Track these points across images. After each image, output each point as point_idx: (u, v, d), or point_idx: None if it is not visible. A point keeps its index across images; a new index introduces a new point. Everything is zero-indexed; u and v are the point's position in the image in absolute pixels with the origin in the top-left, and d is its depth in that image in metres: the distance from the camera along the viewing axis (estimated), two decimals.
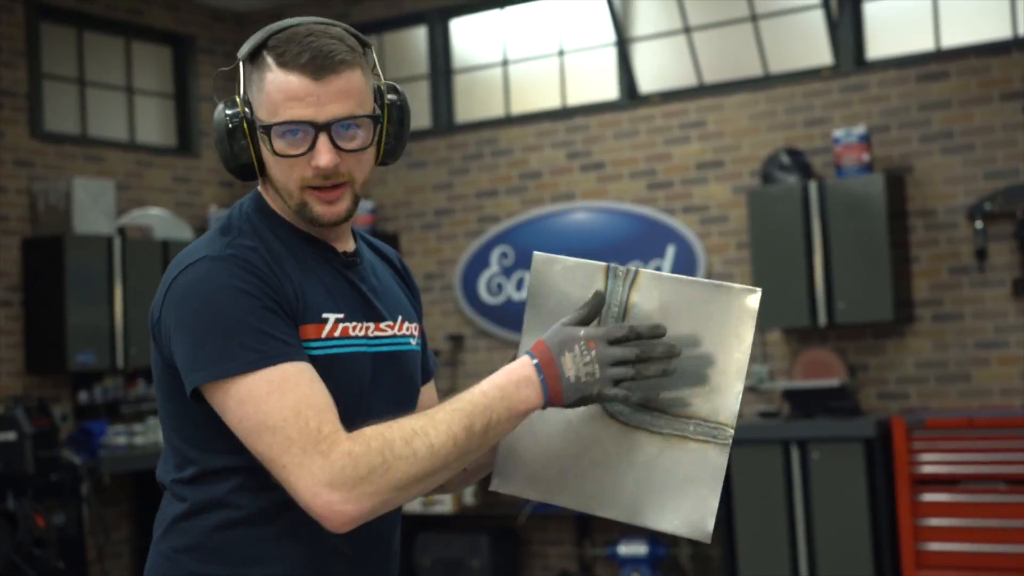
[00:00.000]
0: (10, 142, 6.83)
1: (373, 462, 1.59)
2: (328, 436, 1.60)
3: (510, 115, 7.52)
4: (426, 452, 1.61)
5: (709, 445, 1.68)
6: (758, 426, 6.07)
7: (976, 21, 6.33)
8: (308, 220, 1.78)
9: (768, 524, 5.94)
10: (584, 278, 1.71)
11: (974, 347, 6.18)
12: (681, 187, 6.95)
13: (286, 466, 1.61)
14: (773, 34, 6.76)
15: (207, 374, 1.65)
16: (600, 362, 1.64)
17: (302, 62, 1.69)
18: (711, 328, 1.69)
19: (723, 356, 1.69)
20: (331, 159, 1.72)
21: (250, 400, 1.63)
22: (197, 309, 1.67)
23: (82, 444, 6.51)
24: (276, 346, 1.65)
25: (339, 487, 1.58)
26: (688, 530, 1.69)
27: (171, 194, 7.63)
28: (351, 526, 1.61)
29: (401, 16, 7.81)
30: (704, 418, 1.68)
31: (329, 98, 1.71)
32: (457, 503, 6.97)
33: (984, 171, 6.17)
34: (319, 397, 1.64)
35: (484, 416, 1.64)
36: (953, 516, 5.61)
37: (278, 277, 1.72)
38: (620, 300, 1.70)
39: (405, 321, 1.90)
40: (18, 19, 6.93)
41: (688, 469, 1.69)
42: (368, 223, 7.57)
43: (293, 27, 1.74)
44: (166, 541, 1.79)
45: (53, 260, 6.64)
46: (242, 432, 1.65)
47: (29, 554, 5.42)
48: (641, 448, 1.70)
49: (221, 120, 1.77)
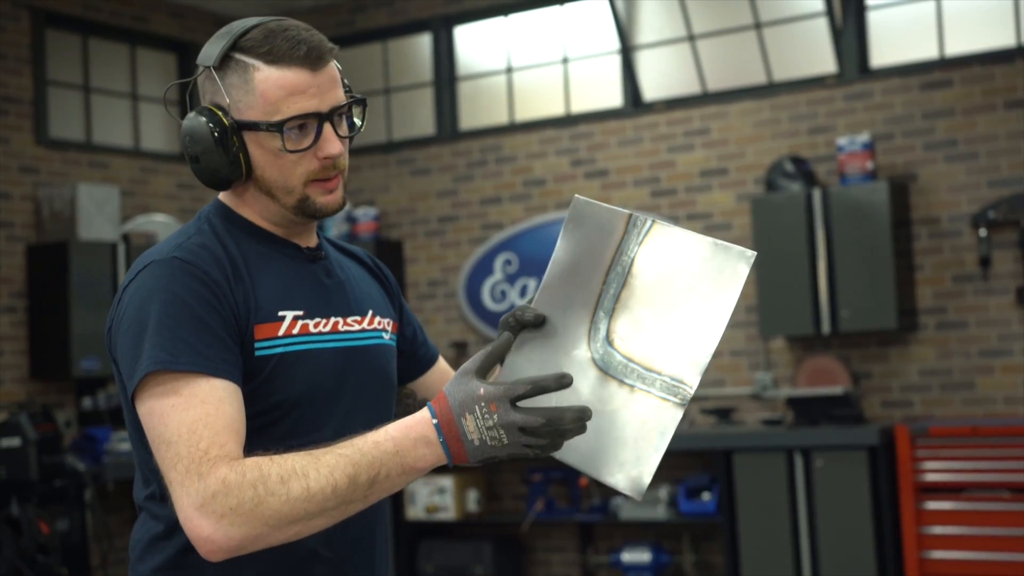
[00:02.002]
0: (15, 148, 6.84)
1: (244, 494, 1.52)
2: (212, 459, 1.55)
3: (514, 122, 7.53)
4: (300, 494, 1.52)
5: (667, 403, 1.67)
6: (762, 434, 6.07)
7: (980, 29, 6.33)
8: (308, 214, 1.77)
9: (772, 532, 5.93)
10: (610, 223, 1.73)
11: (978, 355, 6.18)
12: (685, 195, 6.96)
13: (171, 482, 1.57)
14: (777, 42, 6.77)
15: (134, 381, 1.63)
16: (504, 427, 1.51)
17: (299, 55, 1.69)
18: (703, 285, 1.70)
19: (706, 315, 1.69)
20: (339, 146, 1.73)
21: (157, 411, 1.61)
22: (135, 316, 1.66)
23: (86, 450, 6.52)
24: (190, 356, 1.61)
25: (208, 514, 1.53)
26: (627, 485, 1.66)
27: (175, 200, 7.64)
28: (221, 556, 1.55)
29: (406, 23, 7.82)
30: (672, 376, 1.68)
31: (327, 87, 1.72)
32: (461, 510, 6.97)
33: (988, 179, 6.17)
34: (220, 419, 1.59)
35: (372, 469, 1.54)
36: (957, 524, 5.60)
37: (228, 280, 1.69)
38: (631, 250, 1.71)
39: (376, 315, 1.88)
40: (23, 26, 6.95)
41: (643, 425, 1.67)
42: (372, 230, 7.57)
43: (259, 26, 1.73)
44: (144, 563, 1.76)
45: (58, 266, 6.65)
46: (149, 442, 1.63)
47: (33, 560, 5.42)
48: (611, 397, 1.69)
49: (202, 131, 1.72)
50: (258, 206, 1.79)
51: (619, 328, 1.72)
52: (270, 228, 1.80)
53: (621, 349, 1.71)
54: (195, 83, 1.80)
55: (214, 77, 1.73)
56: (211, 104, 1.75)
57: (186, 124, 1.75)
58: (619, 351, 1.71)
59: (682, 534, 6.64)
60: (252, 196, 1.78)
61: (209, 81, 1.75)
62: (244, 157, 1.73)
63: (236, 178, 1.75)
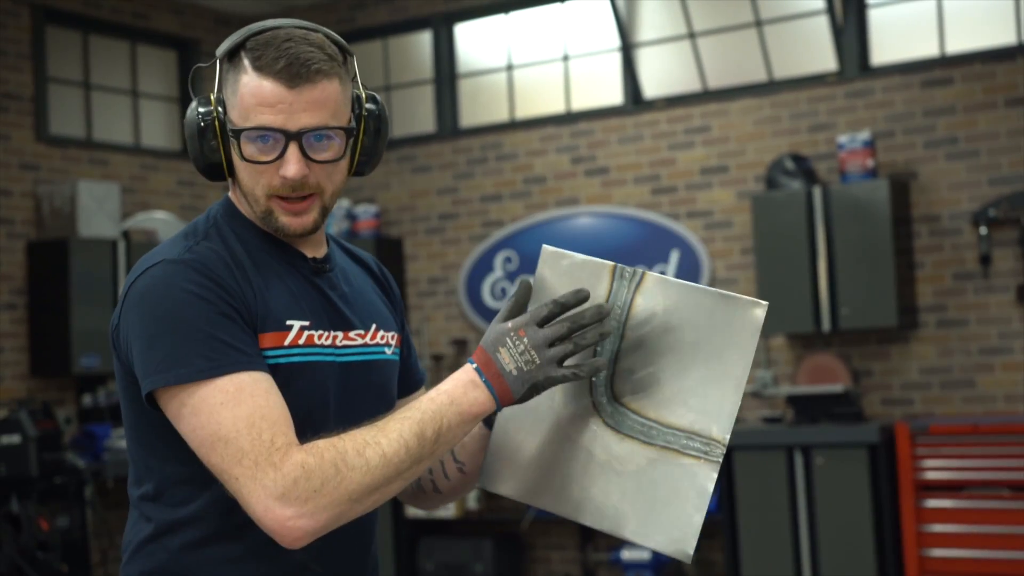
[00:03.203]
0: (15, 145, 6.84)
1: (327, 473, 1.55)
2: (281, 448, 1.57)
3: (515, 120, 7.53)
4: (379, 461, 1.58)
5: (700, 461, 1.63)
6: (762, 431, 6.07)
7: (981, 27, 6.33)
8: (273, 229, 1.74)
9: (771, 530, 5.93)
10: (590, 276, 1.67)
11: (978, 353, 6.18)
12: (685, 192, 6.95)
13: (238, 478, 1.57)
14: (778, 39, 6.77)
15: (161, 379, 1.61)
16: (535, 347, 1.61)
17: (277, 68, 1.66)
18: (713, 338, 1.64)
19: (723, 369, 1.64)
20: (299, 169, 1.68)
21: (203, 410, 1.59)
22: (153, 314, 1.63)
23: (86, 447, 6.52)
24: (231, 354, 1.61)
25: (292, 501, 1.54)
26: (670, 548, 1.64)
27: (176, 198, 7.64)
28: (305, 541, 1.57)
29: (406, 21, 7.82)
30: (697, 432, 1.64)
31: (302, 107, 1.67)
32: (460, 508, 6.97)
33: (989, 177, 6.17)
34: (274, 409, 1.60)
35: (435, 422, 1.61)
36: (957, 522, 5.60)
37: (239, 282, 1.68)
38: (624, 302, 1.66)
39: (380, 329, 1.86)
40: (24, 23, 6.95)
41: (676, 484, 1.64)
42: (372, 227, 7.57)
43: (273, 30, 1.71)
44: (133, 565, 1.75)
45: (58, 263, 6.65)
46: (195, 443, 1.61)
47: (33, 557, 5.43)
48: (631, 458, 1.66)
49: (193, 118, 1.73)
50: (248, 207, 1.77)
51: (624, 385, 1.68)
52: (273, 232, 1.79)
53: (631, 406, 1.67)
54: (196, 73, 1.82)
55: (217, 69, 1.74)
56: (212, 96, 1.74)
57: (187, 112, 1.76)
58: (631, 409, 1.67)
59: None
60: (241, 196, 1.77)
61: (215, 74, 1.75)
62: (225, 154, 1.73)
63: (216, 173, 1.75)
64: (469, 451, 1.83)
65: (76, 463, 5.99)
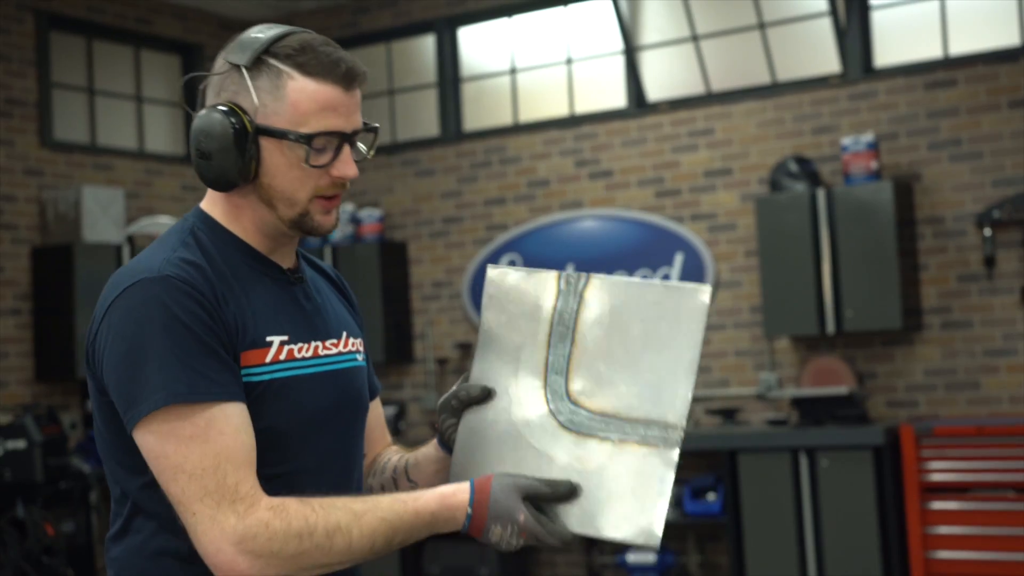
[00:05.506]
0: (20, 151, 6.86)
1: (288, 543, 1.58)
2: (245, 497, 1.58)
3: (518, 123, 7.53)
4: (342, 549, 1.61)
5: (658, 448, 1.67)
6: (767, 434, 6.06)
7: (984, 29, 6.33)
8: (304, 230, 1.74)
9: (777, 532, 5.93)
10: (536, 287, 1.74)
11: (983, 355, 6.17)
12: (689, 195, 6.96)
13: (196, 514, 1.58)
14: (781, 42, 6.77)
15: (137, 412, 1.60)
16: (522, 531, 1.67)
17: (339, 73, 1.70)
18: (661, 328, 1.70)
19: (673, 356, 1.69)
20: (355, 169, 1.73)
21: (171, 440, 1.59)
22: (131, 340, 1.61)
23: (91, 452, 6.52)
24: (205, 385, 1.60)
25: (247, 552, 1.57)
26: (638, 537, 1.67)
27: (180, 203, 7.65)
28: None
29: (409, 25, 7.82)
30: (654, 420, 1.68)
31: (353, 108, 1.73)
32: None
33: (992, 178, 6.16)
34: (240, 451, 1.60)
35: (407, 533, 1.67)
36: (962, 524, 5.60)
37: (218, 299, 1.66)
38: (571, 307, 1.72)
39: (349, 337, 1.86)
40: (28, 28, 6.96)
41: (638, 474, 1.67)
42: (376, 231, 7.58)
43: (295, 34, 1.71)
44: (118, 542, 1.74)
45: (62, 269, 6.66)
46: (157, 470, 1.61)
47: (38, 562, 5.43)
48: (592, 456, 1.70)
49: (221, 128, 1.68)
50: (253, 215, 1.75)
51: (580, 386, 1.73)
52: (256, 243, 1.76)
53: (588, 406, 1.71)
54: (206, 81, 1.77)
55: (244, 77, 1.70)
56: (231, 103, 1.70)
57: (201, 120, 1.71)
58: (586, 408, 1.71)
59: (687, 535, 6.64)
60: (250, 204, 1.74)
61: (233, 81, 1.71)
62: (256, 162, 1.70)
63: (242, 182, 1.71)
64: (426, 474, 1.88)
65: (81, 468, 5.99)
